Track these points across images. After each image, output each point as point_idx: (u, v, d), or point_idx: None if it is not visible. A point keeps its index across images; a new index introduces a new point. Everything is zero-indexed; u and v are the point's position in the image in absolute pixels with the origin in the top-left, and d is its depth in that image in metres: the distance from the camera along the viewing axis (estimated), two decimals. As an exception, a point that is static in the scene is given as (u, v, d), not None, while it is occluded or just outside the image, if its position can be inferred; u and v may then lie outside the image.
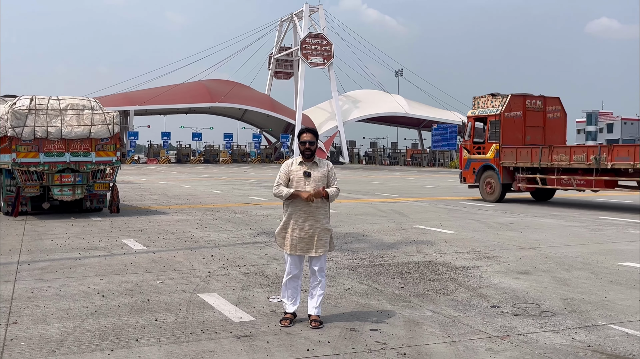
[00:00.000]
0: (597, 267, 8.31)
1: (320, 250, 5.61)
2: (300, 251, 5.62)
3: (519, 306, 6.23)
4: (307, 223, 5.59)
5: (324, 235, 5.63)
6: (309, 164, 5.65)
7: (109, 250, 9.59)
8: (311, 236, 5.59)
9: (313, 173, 5.61)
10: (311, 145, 5.61)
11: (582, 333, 5.32)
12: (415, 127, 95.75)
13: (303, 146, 5.62)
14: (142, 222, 13.25)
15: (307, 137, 5.62)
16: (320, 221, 5.63)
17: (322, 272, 5.65)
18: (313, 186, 5.57)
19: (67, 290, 6.84)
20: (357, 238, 10.89)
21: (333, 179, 5.73)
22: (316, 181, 5.60)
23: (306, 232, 5.59)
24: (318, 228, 5.61)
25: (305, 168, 5.62)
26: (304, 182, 5.59)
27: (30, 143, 13.79)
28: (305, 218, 5.59)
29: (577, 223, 13.32)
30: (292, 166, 5.68)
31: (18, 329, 5.37)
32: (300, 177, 5.60)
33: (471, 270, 8.06)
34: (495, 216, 14.76)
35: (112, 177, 14.86)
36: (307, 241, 5.59)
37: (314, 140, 5.63)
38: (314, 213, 5.60)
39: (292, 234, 5.61)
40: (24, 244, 10.18)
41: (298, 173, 5.62)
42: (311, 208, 5.58)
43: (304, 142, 5.62)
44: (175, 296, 6.54)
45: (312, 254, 5.61)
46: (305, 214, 5.59)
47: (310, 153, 5.62)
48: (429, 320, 5.69)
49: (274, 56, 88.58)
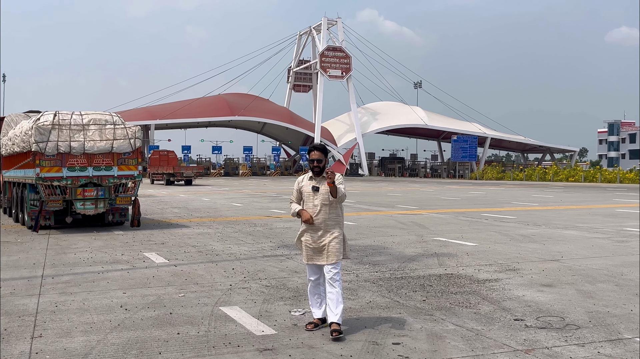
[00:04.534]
0: (622, 279, 8.19)
1: (331, 258, 5.76)
2: (314, 260, 5.84)
3: (542, 319, 6.16)
4: (317, 234, 5.82)
5: (335, 244, 5.78)
6: (318, 179, 5.89)
7: (131, 264, 9.66)
8: (322, 245, 5.79)
9: (321, 187, 5.84)
10: (319, 163, 5.85)
11: (608, 347, 5.24)
12: (435, 138, 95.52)
13: (312, 164, 5.89)
14: (164, 235, 13.34)
15: (315, 156, 5.87)
16: (331, 230, 5.81)
17: (335, 281, 5.73)
18: (321, 199, 5.81)
19: (90, 304, 6.90)
20: (377, 251, 10.86)
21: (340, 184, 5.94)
22: (323, 194, 5.82)
23: (316, 243, 5.81)
24: (328, 238, 5.79)
25: (314, 183, 5.87)
26: (313, 196, 5.84)
27: (53, 158, 13.97)
28: (315, 229, 5.82)
29: (601, 235, 13.16)
30: (303, 182, 5.96)
31: (43, 342, 5.42)
32: (310, 192, 5.86)
33: (494, 283, 7.99)
34: (517, 228, 14.64)
35: (134, 190, 15.00)
36: (319, 251, 5.81)
37: (322, 158, 5.87)
38: (323, 224, 5.81)
39: (306, 244, 5.87)
40: (48, 258, 10.29)
41: (307, 188, 5.89)
42: (319, 219, 5.81)
43: (312, 160, 5.89)
44: (197, 310, 6.57)
45: (324, 262, 5.78)
46: (315, 226, 5.82)
47: (319, 169, 5.86)
48: (452, 334, 5.64)
49: (293, 69, 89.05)
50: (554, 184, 49.94)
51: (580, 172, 58.69)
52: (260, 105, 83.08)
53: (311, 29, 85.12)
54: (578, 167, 69.20)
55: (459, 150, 75.80)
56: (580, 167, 71.80)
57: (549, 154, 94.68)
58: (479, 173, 68.78)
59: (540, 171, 62.75)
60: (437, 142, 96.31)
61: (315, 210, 5.82)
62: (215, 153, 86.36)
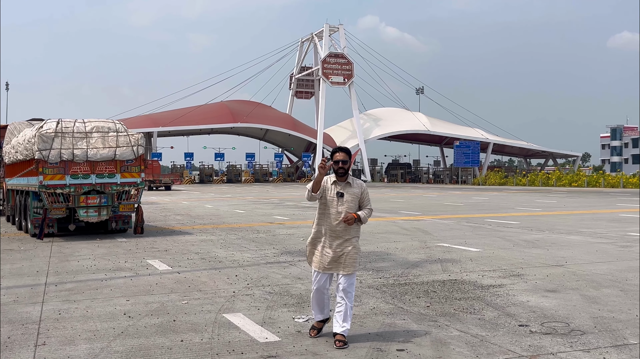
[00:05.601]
0: (627, 285, 8.16)
1: (348, 268, 5.58)
2: (328, 269, 5.63)
3: (547, 324, 6.13)
4: (337, 242, 5.59)
5: (353, 254, 5.61)
6: (342, 184, 5.65)
7: (135, 271, 9.65)
8: (340, 255, 5.59)
9: (346, 194, 5.61)
10: (344, 164, 5.61)
11: (614, 353, 5.22)
12: (437, 144, 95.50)
13: (337, 165, 5.63)
14: (167, 243, 13.34)
15: (340, 156, 5.62)
16: (351, 240, 5.62)
17: (349, 293, 5.59)
18: (346, 207, 5.58)
19: (94, 311, 6.89)
20: (381, 257, 10.84)
21: (366, 200, 5.73)
22: (349, 203, 5.60)
23: (334, 251, 5.59)
24: (347, 247, 5.60)
25: (339, 189, 5.63)
26: (336, 202, 5.59)
27: (56, 165, 13.99)
28: (335, 237, 5.60)
29: (605, 240, 13.12)
30: (327, 183, 5.68)
31: (47, 350, 5.41)
32: (333, 197, 5.61)
33: (498, 289, 7.96)
34: (521, 233, 14.60)
35: (137, 198, 15.01)
36: (336, 260, 5.59)
37: (347, 159, 5.63)
38: (344, 232, 5.60)
39: (323, 252, 5.63)
40: (51, 265, 10.29)
41: (332, 193, 5.63)
42: (341, 227, 5.58)
43: (337, 161, 5.63)
44: (200, 317, 6.55)
45: (341, 272, 5.59)
46: (335, 233, 5.60)
47: (344, 171, 5.62)
48: (456, 340, 5.62)
49: (295, 76, 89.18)
50: (557, 189, 49.86)
51: (583, 177, 58.60)
52: (262, 111, 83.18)
53: (313, 35, 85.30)
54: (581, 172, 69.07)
55: (462, 156, 75.72)
56: (583, 172, 71.67)
57: (552, 159, 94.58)
58: (482, 179, 68.71)
59: (543, 176, 62.68)
60: (439, 147, 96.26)
61: (339, 217, 5.59)
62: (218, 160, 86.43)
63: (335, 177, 5.68)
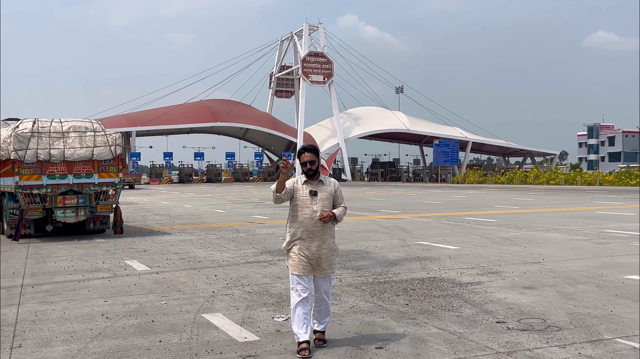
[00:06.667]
0: (602, 281, 8.27)
1: (326, 271, 5.46)
2: (307, 271, 5.40)
3: (524, 321, 6.20)
4: (314, 244, 5.40)
5: (330, 255, 5.47)
6: (315, 183, 5.45)
7: (113, 272, 9.58)
8: (318, 257, 5.41)
9: (319, 193, 5.41)
10: (312, 165, 5.39)
11: (589, 348, 5.29)
12: (417, 143, 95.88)
13: (305, 167, 5.41)
14: (145, 243, 13.25)
15: (307, 157, 5.39)
16: (327, 241, 5.45)
17: (327, 294, 5.51)
18: (320, 205, 5.38)
19: (71, 313, 6.83)
20: (360, 256, 10.87)
21: (340, 198, 5.54)
22: (323, 201, 5.41)
23: (313, 253, 5.40)
24: (325, 249, 5.43)
25: (311, 187, 5.43)
26: (310, 201, 5.38)
27: (33, 166, 13.83)
28: (312, 238, 5.39)
29: (581, 237, 13.29)
30: (298, 184, 5.46)
31: (23, 352, 5.35)
32: (306, 197, 5.40)
33: (476, 286, 8.03)
34: (499, 231, 14.73)
35: (115, 198, 14.89)
36: (314, 262, 5.41)
37: (314, 159, 5.40)
38: (320, 233, 5.41)
39: (299, 254, 5.40)
40: (28, 267, 10.17)
41: (304, 192, 5.42)
42: (318, 228, 5.39)
43: (304, 163, 5.40)
44: (179, 317, 6.52)
45: (319, 274, 5.46)
46: (312, 234, 5.40)
47: (313, 172, 5.42)
48: (435, 337, 5.66)
49: (275, 75, 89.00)
50: (535, 187, 50.37)
51: (560, 175, 59.18)
52: (242, 111, 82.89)
53: (293, 34, 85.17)
54: (558, 170, 69.83)
55: (441, 155, 76.11)
56: (561, 170, 72.45)
57: (530, 158, 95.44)
58: (461, 177, 69.14)
59: (521, 174, 63.21)
60: (419, 146, 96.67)
61: (315, 216, 5.35)
62: (198, 159, 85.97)
63: (306, 178, 5.48)
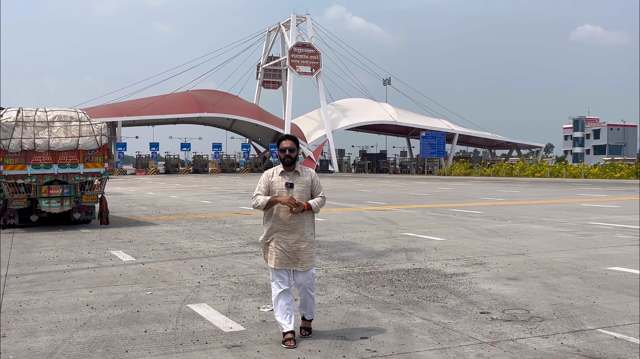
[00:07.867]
0: (586, 272, 8.36)
1: (306, 264, 5.35)
2: (285, 265, 5.34)
3: (508, 312, 6.26)
4: (292, 237, 5.31)
5: (309, 248, 5.36)
6: (291, 174, 5.36)
7: (98, 262, 9.54)
8: (296, 250, 5.32)
9: (296, 185, 5.32)
10: (291, 152, 5.31)
11: (571, 338, 5.35)
12: (404, 135, 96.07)
13: (283, 153, 5.33)
14: (131, 233, 13.20)
15: (287, 144, 5.32)
16: (305, 234, 5.34)
17: (310, 288, 5.42)
18: (297, 197, 5.29)
19: (55, 303, 6.80)
20: (347, 247, 10.90)
21: (318, 187, 5.44)
22: (300, 192, 5.32)
23: (290, 246, 5.31)
24: (303, 242, 5.34)
25: (287, 179, 5.33)
26: (286, 194, 5.28)
27: (17, 155, 13.72)
28: (289, 231, 5.31)
29: (565, 229, 13.40)
30: (273, 177, 5.36)
31: (6, 342, 5.33)
32: (282, 189, 5.29)
33: (461, 277, 8.09)
34: (484, 223, 14.83)
35: (101, 188, 14.81)
36: (292, 255, 5.32)
37: (294, 147, 5.32)
38: (298, 225, 5.32)
39: (277, 247, 5.32)
40: (12, 257, 10.11)
41: (280, 184, 5.32)
42: (295, 221, 5.29)
43: (283, 149, 5.32)
44: (165, 307, 6.52)
45: (298, 269, 5.36)
46: (289, 227, 5.31)
47: (291, 160, 5.32)
48: (419, 327, 5.70)
49: (262, 66, 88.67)
50: (520, 180, 50.67)
51: (546, 167, 59.58)
52: (229, 101, 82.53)
53: (280, 25, 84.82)
54: (544, 162, 70.22)
55: (428, 147, 76.34)
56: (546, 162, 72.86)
57: (516, 150, 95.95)
58: (447, 169, 69.41)
59: (507, 167, 63.55)
60: (406, 138, 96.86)
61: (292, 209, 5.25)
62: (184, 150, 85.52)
63: (283, 167, 5.39)
